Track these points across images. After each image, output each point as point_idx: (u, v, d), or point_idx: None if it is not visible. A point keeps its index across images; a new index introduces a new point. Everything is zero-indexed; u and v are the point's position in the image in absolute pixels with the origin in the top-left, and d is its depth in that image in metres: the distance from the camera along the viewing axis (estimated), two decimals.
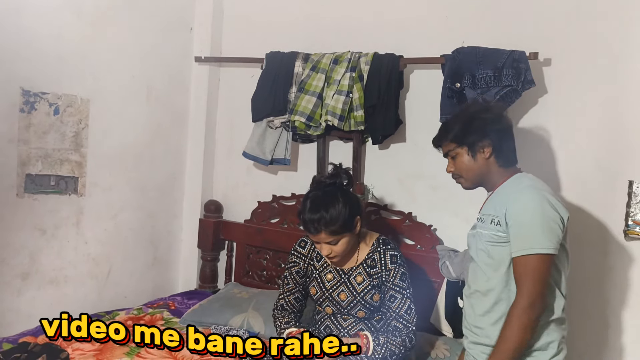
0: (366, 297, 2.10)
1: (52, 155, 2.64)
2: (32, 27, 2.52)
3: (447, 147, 1.86)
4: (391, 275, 2.08)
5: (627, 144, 2.23)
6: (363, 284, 2.11)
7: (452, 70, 2.37)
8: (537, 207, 1.68)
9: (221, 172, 3.29)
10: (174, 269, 3.32)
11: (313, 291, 2.18)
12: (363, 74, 2.59)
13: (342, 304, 2.12)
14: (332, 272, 2.16)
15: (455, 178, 1.89)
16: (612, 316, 2.29)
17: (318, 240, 2.03)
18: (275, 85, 2.79)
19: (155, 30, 3.03)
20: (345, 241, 2.03)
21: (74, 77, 2.69)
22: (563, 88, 2.34)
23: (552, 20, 2.35)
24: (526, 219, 1.68)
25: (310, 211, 2.00)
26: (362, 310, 2.11)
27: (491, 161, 1.81)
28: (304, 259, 2.22)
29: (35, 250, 2.64)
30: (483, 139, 1.78)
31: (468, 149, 1.81)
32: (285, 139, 2.88)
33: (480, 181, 1.85)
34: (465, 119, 1.83)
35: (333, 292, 2.14)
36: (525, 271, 1.66)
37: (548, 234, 1.66)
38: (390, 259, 2.10)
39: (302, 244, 2.24)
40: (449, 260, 2.37)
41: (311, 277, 2.20)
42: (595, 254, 2.29)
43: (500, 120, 1.83)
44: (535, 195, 1.70)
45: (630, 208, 2.19)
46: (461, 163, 1.83)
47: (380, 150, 2.76)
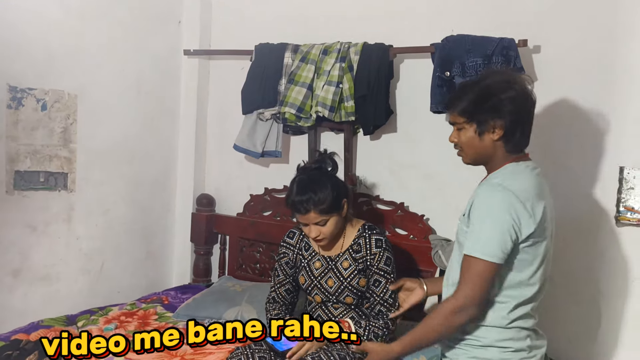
0: (352, 282, 2.12)
1: (40, 151, 2.62)
2: (19, 22, 2.49)
3: (455, 118, 1.72)
4: (376, 259, 2.11)
5: (618, 129, 2.23)
6: (349, 269, 2.13)
7: (441, 58, 2.36)
8: (493, 210, 1.59)
9: (213, 166, 3.28)
10: (167, 264, 3.31)
11: (302, 280, 2.21)
12: (353, 64, 2.58)
13: (330, 290, 2.15)
14: (319, 260, 2.19)
15: (457, 149, 1.78)
16: (603, 302, 2.29)
17: (307, 221, 2.06)
18: (265, 77, 2.78)
19: (144, 24, 3.00)
20: (333, 222, 2.07)
21: (61, 72, 2.66)
22: (553, 75, 2.33)
23: (541, 7, 2.34)
24: (479, 219, 1.61)
25: (298, 193, 2.05)
26: (350, 296, 2.13)
27: (498, 144, 1.67)
28: (292, 249, 2.24)
29: (26, 247, 2.62)
30: (496, 119, 1.63)
31: (477, 126, 1.66)
32: (276, 131, 2.87)
33: (482, 161, 1.74)
34: (480, 93, 1.65)
35: (321, 279, 2.17)
36: (468, 273, 1.61)
37: (496, 241, 1.57)
38: (375, 243, 2.13)
39: (291, 235, 2.27)
40: (441, 250, 2.37)
41: (300, 266, 2.22)
42: (587, 240, 2.29)
43: (523, 100, 1.64)
44: (496, 195, 1.60)
45: (622, 194, 2.20)
46: (465, 138, 1.70)
47: (371, 141, 2.75)
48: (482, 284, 1.60)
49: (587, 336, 2.33)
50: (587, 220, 2.29)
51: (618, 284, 2.26)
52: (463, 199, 1.99)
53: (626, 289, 2.25)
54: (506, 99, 1.62)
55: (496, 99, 1.63)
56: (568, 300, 2.33)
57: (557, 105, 2.32)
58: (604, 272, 2.28)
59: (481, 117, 1.65)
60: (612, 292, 2.28)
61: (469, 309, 1.61)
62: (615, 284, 2.26)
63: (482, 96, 1.65)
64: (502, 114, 1.63)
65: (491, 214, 1.60)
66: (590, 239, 2.29)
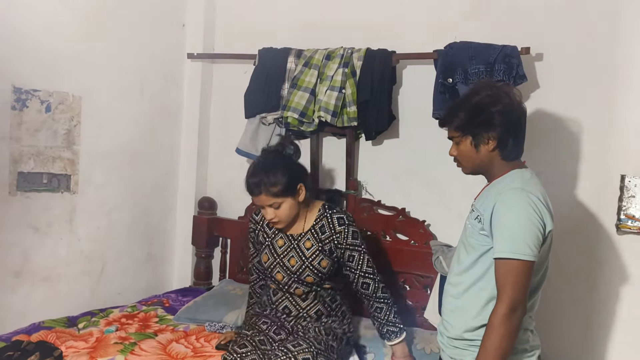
0: (314, 262, 2.17)
1: (44, 152, 2.63)
2: (24, 24, 2.50)
3: (452, 133, 1.81)
4: (342, 236, 2.17)
5: (619, 137, 2.24)
6: (312, 249, 2.18)
7: (444, 65, 2.37)
8: (521, 211, 1.63)
9: (215, 169, 3.29)
10: (168, 266, 3.31)
11: (265, 258, 2.26)
12: (356, 70, 2.59)
13: (291, 269, 2.20)
14: (282, 238, 2.24)
15: (456, 162, 1.86)
16: (603, 309, 2.30)
17: (260, 202, 2.14)
18: (268, 81, 2.79)
19: (148, 27, 3.01)
20: (288, 206, 2.13)
21: (65, 74, 2.67)
22: (555, 83, 2.35)
23: (544, 15, 2.36)
24: (509, 221, 1.64)
25: (251, 175, 2.14)
26: (311, 275, 2.18)
27: (494, 154, 1.76)
28: (255, 225, 2.34)
29: (28, 248, 2.62)
30: (489, 131, 1.72)
31: (472, 139, 1.75)
32: (278, 135, 2.88)
33: (481, 171, 1.82)
34: (471, 109, 1.75)
35: (284, 257, 2.22)
36: (506, 277, 1.62)
37: (530, 240, 1.61)
38: (337, 221, 2.19)
39: (257, 212, 2.35)
40: (442, 256, 2.37)
41: (263, 244, 2.28)
42: (588, 247, 2.30)
43: (511, 111, 1.74)
44: (521, 198, 1.65)
45: (623, 202, 2.20)
46: (463, 151, 1.79)
47: (373, 146, 2.76)
48: (523, 284, 1.62)
49: (587, 342, 2.33)
50: (588, 228, 2.29)
51: (618, 291, 2.27)
52: (464, 206, 2.00)
53: (626, 296, 2.25)
54: (496, 112, 1.72)
55: (487, 113, 1.72)
56: (568, 306, 2.34)
57: (558, 113, 2.33)
58: (605, 279, 2.29)
59: (475, 131, 1.74)
60: (612, 299, 2.28)
61: (517, 310, 1.62)
62: (616, 291, 2.27)
63: (474, 112, 1.74)
64: (494, 126, 1.72)
65: (519, 215, 1.64)
66: (591, 246, 2.30)
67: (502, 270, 1.64)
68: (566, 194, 2.32)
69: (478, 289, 1.73)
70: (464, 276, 1.77)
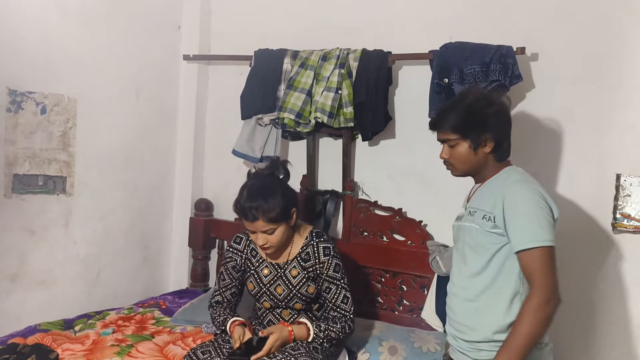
0: (302, 290, 2.14)
1: (39, 155, 2.62)
2: (18, 27, 2.49)
3: (447, 136, 1.80)
4: (325, 267, 2.13)
5: (615, 137, 2.25)
6: (298, 277, 2.14)
7: (440, 65, 2.37)
8: (531, 200, 1.67)
9: (211, 171, 3.28)
10: (165, 269, 3.30)
11: (251, 287, 2.20)
12: (352, 71, 2.59)
13: (279, 297, 2.16)
14: (268, 267, 2.18)
15: (447, 165, 1.86)
16: (599, 308, 2.30)
17: (255, 228, 2.04)
18: (264, 82, 2.79)
19: (143, 29, 3.01)
20: (281, 231, 2.06)
21: (60, 76, 2.67)
22: (550, 82, 2.35)
23: (539, 15, 2.36)
24: (523, 211, 1.66)
25: (248, 199, 2.02)
26: (299, 302, 2.15)
27: (490, 156, 1.79)
28: (240, 254, 2.23)
29: (24, 252, 2.61)
30: (486, 133, 1.75)
31: (471, 142, 1.76)
32: (274, 137, 2.87)
33: (472, 172, 1.84)
34: (466, 112, 1.76)
35: (270, 286, 2.16)
36: (534, 265, 1.63)
37: (546, 226, 1.65)
38: (323, 251, 2.14)
39: (237, 240, 2.25)
40: (439, 256, 2.38)
41: (248, 272, 2.21)
42: (583, 246, 2.30)
43: (504, 113, 1.79)
44: (527, 189, 1.70)
45: (618, 201, 2.21)
46: (459, 154, 1.79)
47: (370, 147, 2.76)
48: (550, 269, 1.64)
49: (583, 341, 2.34)
50: (584, 227, 2.30)
51: (614, 290, 2.27)
52: (460, 206, 2.00)
53: (622, 295, 2.26)
54: (490, 113, 1.76)
55: (482, 116, 1.75)
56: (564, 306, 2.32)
57: (554, 113, 2.34)
58: (601, 278, 2.29)
59: (472, 134, 1.76)
60: (608, 298, 2.29)
61: (553, 298, 1.64)
62: (612, 290, 2.28)
63: (468, 114, 1.76)
64: (490, 128, 1.75)
65: (530, 204, 1.67)
66: (586, 245, 2.30)
67: (527, 261, 1.65)
68: (562, 194, 2.32)
69: (498, 287, 1.73)
70: (478, 278, 1.76)
